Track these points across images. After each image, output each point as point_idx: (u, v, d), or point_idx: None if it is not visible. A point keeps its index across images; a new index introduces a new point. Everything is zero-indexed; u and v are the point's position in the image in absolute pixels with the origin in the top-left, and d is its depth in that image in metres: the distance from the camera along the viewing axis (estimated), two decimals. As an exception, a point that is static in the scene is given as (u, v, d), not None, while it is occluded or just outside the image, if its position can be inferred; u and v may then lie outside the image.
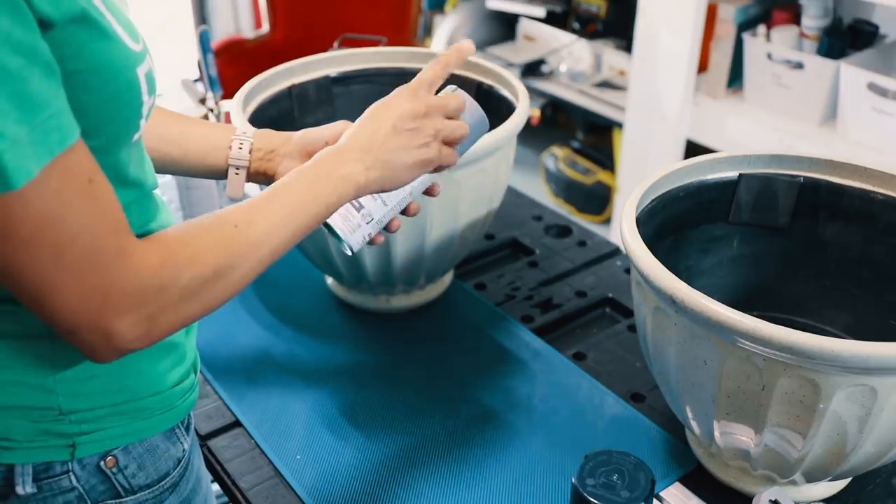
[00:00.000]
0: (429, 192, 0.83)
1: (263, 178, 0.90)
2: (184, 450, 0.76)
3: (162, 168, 0.87)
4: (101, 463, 0.69)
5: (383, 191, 0.75)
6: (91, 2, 0.56)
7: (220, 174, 0.90)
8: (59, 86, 0.54)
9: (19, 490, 0.67)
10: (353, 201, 0.77)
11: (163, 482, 0.74)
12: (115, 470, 0.70)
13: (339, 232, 0.78)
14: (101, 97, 0.58)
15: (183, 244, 0.62)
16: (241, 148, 0.88)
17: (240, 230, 0.64)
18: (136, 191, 0.68)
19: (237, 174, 0.88)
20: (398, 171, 0.74)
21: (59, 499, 0.68)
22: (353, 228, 0.78)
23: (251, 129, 0.90)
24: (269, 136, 0.90)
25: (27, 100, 0.51)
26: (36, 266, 0.54)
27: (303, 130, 0.89)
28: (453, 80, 1.21)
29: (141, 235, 0.68)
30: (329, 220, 0.78)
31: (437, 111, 0.75)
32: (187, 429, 0.78)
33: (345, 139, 0.74)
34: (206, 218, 0.65)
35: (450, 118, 0.76)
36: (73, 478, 0.68)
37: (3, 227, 0.53)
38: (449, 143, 0.77)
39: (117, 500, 0.71)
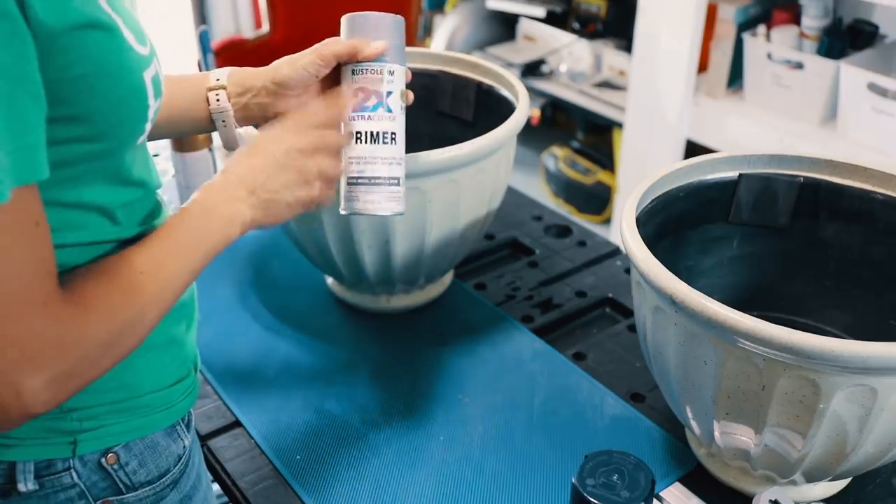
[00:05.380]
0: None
1: (262, 119, 0.86)
2: (184, 447, 0.77)
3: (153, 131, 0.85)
4: (103, 460, 0.70)
5: (263, 227, 0.74)
6: (99, 6, 0.56)
7: (210, 127, 0.87)
8: (41, 120, 0.53)
9: (21, 487, 0.67)
10: (376, 178, 0.79)
11: (164, 479, 0.74)
12: (116, 467, 0.70)
13: (395, 214, 0.82)
14: (108, 101, 0.58)
15: (99, 296, 0.59)
16: (218, 100, 0.84)
17: (146, 276, 0.62)
18: (140, 190, 0.68)
19: (225, 126, 0.85)
20: (280, 210, 0.74)
21: (61, 495, 0.69)
22: (397, 197, 0.82)
23: (224, 75, 0.85)
24: (244, 79, 0.84)
25: (5, 124, 0.50)
26: None
27: (275, 69, 0.83)
28: (452, 79, 1.21)
29: (145, 232, 0.68)
30: (379, 212, 0.80)
31: (322, 150, 0.76)
32: (188, 426, 0.78)
33: (231, 170, 0.72)
34: (115, 264, 0.62)
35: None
36: (74, 474, 0.68)
37: None
38: (328, 179, 0.77)
39: (118, 497, 0.71)
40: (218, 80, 0.84)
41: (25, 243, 0.53)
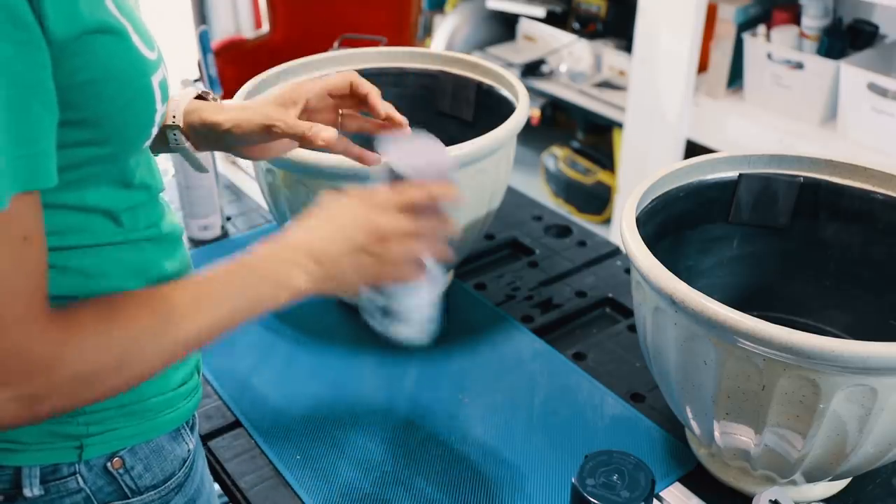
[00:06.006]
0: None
1: (226, 150, 0.83)
2: (189, 450, 0.77)
3: None
4: (108, 464, 0.70)
5: (317, 296, 0.67)
6: (109, 11, 0.56)
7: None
8: (53, 127, 0.53)
9: (27, 492, 0.67)
10: (402, 314, 0.73)
11: (168, 483, 0.74)
12: (121, 471, 0.70)
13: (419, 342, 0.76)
14: (115, 105, 0.58)
15: (87, 325, 0.56)
16: (175, 138, 0.80)
17: (165, 325, 0.59)
18: (144, 194, 0.68)
19: (186, 157, 0.83)
20: (343, 287, 0.68)
21: (67, 500, 0.68)
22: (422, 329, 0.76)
23: (180, 113, 0.79)
24: (198, 122, 0.79)
25: (12, 131, 0.49)
26: None
27: (224, 128, 0.78)
28: (452, 79, 1.21)
29: (151, 238, 0.68)
30: (407, 341, 0.75)
31: (412, 235, 0.68)
32: (192, 429, 0.78)
33: (299, 233, 0.67)
34: (136, 299, 0.60)
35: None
36: (80, 479, 0.68)
37: None
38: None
39: (124, 501, 0.71)
40: (174, 118, 0.79)
41: (10, 256, 0.52)
